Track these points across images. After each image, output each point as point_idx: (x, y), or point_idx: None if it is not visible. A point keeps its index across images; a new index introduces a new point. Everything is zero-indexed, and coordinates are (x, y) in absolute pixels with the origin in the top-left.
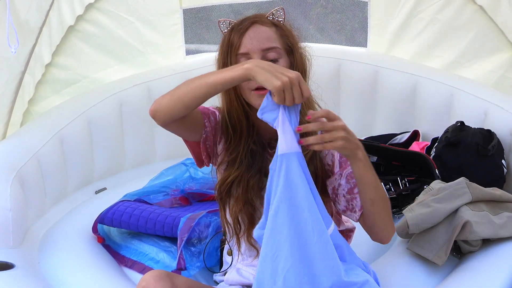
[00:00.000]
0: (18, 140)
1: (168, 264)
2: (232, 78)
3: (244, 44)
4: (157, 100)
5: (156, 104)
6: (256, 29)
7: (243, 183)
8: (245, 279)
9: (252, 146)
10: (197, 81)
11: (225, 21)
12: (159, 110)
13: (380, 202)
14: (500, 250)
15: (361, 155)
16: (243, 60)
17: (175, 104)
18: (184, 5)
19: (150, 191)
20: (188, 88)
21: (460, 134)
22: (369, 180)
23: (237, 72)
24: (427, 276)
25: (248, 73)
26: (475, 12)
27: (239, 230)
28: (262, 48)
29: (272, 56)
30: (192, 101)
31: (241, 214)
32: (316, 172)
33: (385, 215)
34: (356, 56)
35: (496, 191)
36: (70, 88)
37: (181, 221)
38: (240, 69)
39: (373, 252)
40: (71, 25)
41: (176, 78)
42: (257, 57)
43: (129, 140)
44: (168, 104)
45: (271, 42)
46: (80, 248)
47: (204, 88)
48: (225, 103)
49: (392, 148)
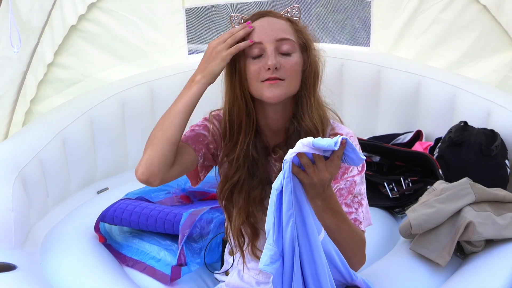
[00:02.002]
0: (20, 140)
1: (169, 262)
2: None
3: (257, 33)
4: (140, 163)
5: (142, 166)
6: (270, 20)
7: (244, 194)
8: (246, 284)
9: (253, 150)
10: (167, 117)
11: (237, 16)
12: (148, 167)
13: (343, 243)
14: (504, 251)
15: (320, 202)
16: (254, 51)
17: (163, 146)
18: (186, 5)
19: (152, 189)
20: (164, 127)
21: (464, 134)
22: (327, 224)
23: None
24: (430, 276)
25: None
26: (479, 12)
27: (243, 242)
28: (276, 38)
29: (285, 48)
30: (177, 132)
31: (243, 227)
32: None
33: (350, 253)
34: (359, 56)
35: (500, 192)
36: (72, 87)
37: (183, 216)
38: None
39: (375, 252)
40: (73, 25)
41: (178, 78)
42: (270, 47)
43: (131, 140)
44: (156, 152)
45: (285, 34)
46: (82, 248)
47: (180, 115)
48: (228, 100)
49: (395, 148)
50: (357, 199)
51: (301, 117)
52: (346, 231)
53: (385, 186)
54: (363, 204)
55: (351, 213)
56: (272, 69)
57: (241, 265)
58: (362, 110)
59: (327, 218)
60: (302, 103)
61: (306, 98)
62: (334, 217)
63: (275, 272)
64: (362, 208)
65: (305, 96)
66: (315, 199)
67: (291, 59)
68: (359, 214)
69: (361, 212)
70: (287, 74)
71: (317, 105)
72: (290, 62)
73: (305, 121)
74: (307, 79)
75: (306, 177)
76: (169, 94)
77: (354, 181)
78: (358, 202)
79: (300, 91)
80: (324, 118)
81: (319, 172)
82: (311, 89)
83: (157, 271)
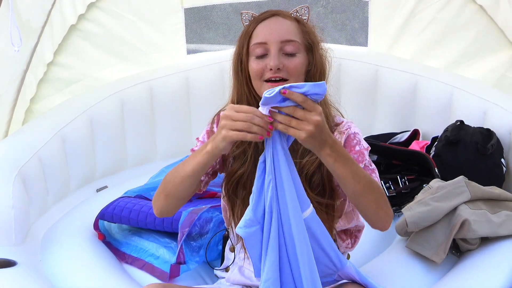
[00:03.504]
0: (20, 138)
1: (168, 260)
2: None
3: (263, 33)
4: (155, 202)
5: (157, 208)
6: (276, 20)
7: (248, 188)
8: (247, 279)
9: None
10: (179, 176)
11: (247, 13)
12: (164, 212)
13: (366, 194)
14: (499, 248)
15: (329, 150)
16: (258, 50)
17: (173, 201)
18: (185, 5)
19: (151, 187)
20: (174, 185)
21: (460, 133)
22: (344, 174)
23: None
24: (425, 274)
25: (220, 144)
26: (476, 12)
27: None
28: (281, 40)
29: (289, 49)
30: (187, 193)
31: None
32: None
33: (374, 205)
34: (356, 56)
35: (495, 190)
36: (72, 86)
37: (182, 214)
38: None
39: (372, 250)
40: (73, 24)
41: (177, 77)
42: (274, 48)
43: (130, 139)
44: (168, 204)
45: (290, 35)
46: (81, 246)
47: (188, 180)
48: (236, 95)
49: (392, 147)
50: (369, 168)
51: None
52: (364, 178)
53: (382, 184)
54: (376, 173)
55: None
56: (274, 69)
57: (241, 261)
58: (360, 109)
59: (342, 168)
60: None
61: None
62: (348, 165)
63: (247, 236)
64: (375, 175)
65: None
66: (323, 149)
67: (295, 60)
68: (373, 177)
69: (376, 177)
70: (290, 74)
71: (323, 103)
72: (293, 62)
73: None
74: (312, 79)
75: (297, 131)
76: (168, 93)
77: (362, 152)
78: (371, 169)
79: None
80: (329, 116)
81: (305, 118)
82: None
83: (156, 268)
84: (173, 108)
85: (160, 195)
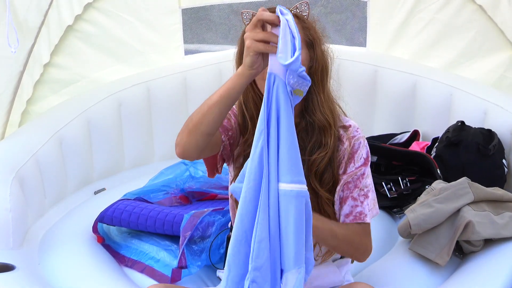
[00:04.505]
0: (17, 140)
1: (168, 263)
2: (233, 83)
3: None
4: (178, 141)
5: (179, 146)
6: None
7: None
8: None
9: None
10: (205, 106)
11: (248, 12)
12: (186, 149)
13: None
14: (502, 250)
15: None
16: None
17: (196, 137)
18: (183, 5)
19: (150, 190)
20: (199, 116)
21: (461, 134)
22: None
23: (238, 71)
24: (429, 276)
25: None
26: (475, 12)
27: None
28: None
29: None
30: (211, 126)
31: None
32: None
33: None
34: (355, 56)
35: (498, 191)
36: (69, 88)
37: (184, 218)
38: (238, 70)
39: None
40: (69, 25)
41: (174, 78)
42: None
43: (128, 140)
44: (190, 141)
45: None
46: (80, 248)
47: (215, 108)
48: (242, 96)
49: (392, 148)
50: (363, 191)
51: (313, 112)
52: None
53: (383, 186)
54: (369, 197)
55: (357, 207)
56: None
57: None
58: (359, 110)
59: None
60: (312, 98)
61: (315, 93)
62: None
63: (236, 191)
64: (368, 201)
65: (315, 92)
66: None
67: None
68: (364, 207)
69: (367, 205)
70: None
71: (328, 99)
72: None
73: (317, 116)
74: (314, 75)
75: None
76: (165, 94)
77: (362, 175)
78: (364, 195)
79: None
80: (334, 111)
81: None
82: (320, 84)
83: (156, 272)
84: (171, 109)
85: (183, 133)
